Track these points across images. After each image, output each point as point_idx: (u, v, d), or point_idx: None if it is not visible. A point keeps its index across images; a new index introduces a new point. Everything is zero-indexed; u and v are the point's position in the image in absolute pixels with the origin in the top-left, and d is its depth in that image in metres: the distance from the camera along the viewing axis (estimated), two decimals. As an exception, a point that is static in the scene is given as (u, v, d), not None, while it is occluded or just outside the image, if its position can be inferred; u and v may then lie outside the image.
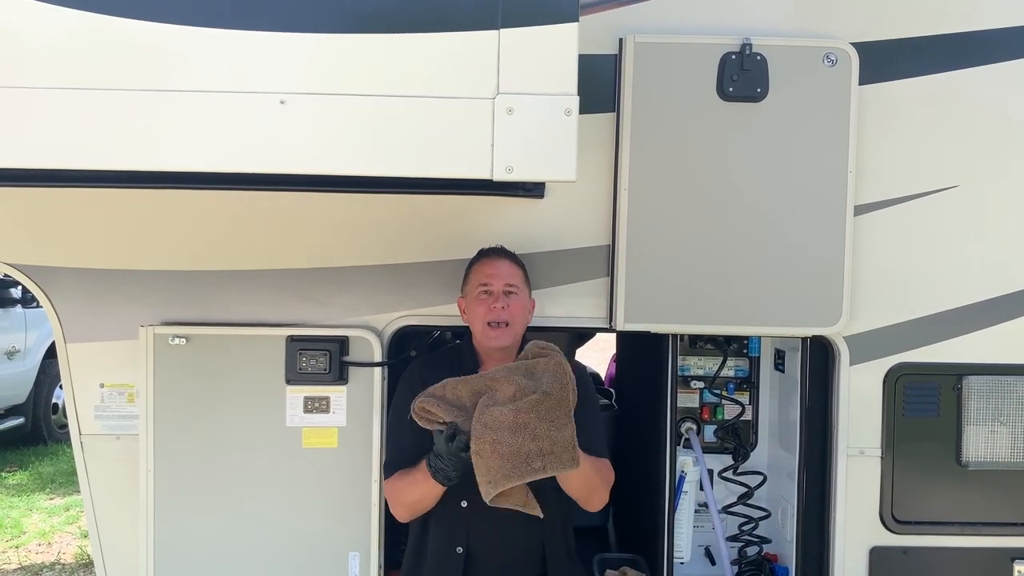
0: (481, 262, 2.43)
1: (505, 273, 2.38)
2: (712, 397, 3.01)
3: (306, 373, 2.61)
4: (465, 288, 2.45)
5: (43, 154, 1.88)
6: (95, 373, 2.69)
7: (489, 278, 2.37)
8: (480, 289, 2.37)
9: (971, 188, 2.68)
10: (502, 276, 2.37)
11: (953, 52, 2.64)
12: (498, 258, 2.42)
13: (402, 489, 2.31)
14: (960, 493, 2.74)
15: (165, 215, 2.59)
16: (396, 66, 1.87)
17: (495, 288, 2.36)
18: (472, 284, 2.41)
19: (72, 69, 1.85)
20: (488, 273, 2.38)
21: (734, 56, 2.54)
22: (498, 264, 2.40)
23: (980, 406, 2.71)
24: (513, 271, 2.41)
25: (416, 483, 2.25)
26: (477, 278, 2.40)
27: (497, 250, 2.46)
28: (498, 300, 2.35)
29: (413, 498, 2.30)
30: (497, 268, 2.39)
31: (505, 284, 2.37)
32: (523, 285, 2.42)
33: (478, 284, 2.38)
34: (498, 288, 2.36)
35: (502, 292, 2.36)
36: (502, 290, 2.36)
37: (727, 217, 2.58)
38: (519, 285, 2.40)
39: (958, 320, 2.69)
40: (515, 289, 2.38)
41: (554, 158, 1.90)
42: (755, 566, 2.87)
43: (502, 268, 2.39)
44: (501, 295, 2.36)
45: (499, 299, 2.35)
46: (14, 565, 5.03)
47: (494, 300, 2.35)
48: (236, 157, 1.89)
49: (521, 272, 2.43)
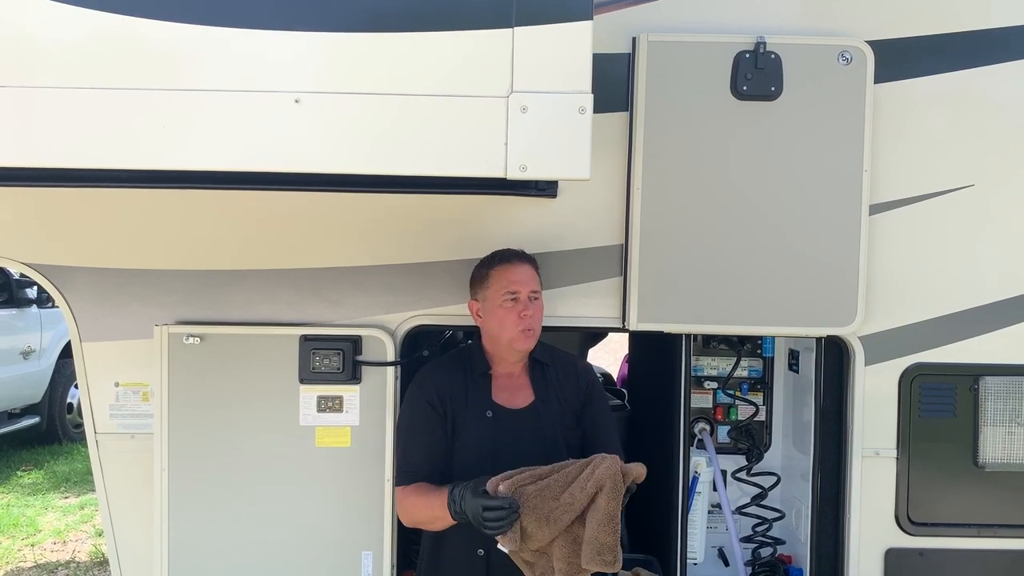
0: (503, 267, 2.39)
1: (529, 279, 2.37)
2: (726, 397, 3.00)
3: (319, 372, 2.61)
4: (483, 292, 2.40)
5: (59, 154, 1.89)
6: (110, 372, 2.70)
7: (516, 285, 2.35)
8: (507, 296, 2.35)
9: (987, 187, 2.66)
10: (527, 282, 2.36)
11: (969, 50, 2.62)
12: (521, 263, 2.39)
13: (416, 507, 2.31)
14: (977, 495, 2.71)
15: (180, 215, 2.61)
16: (410, 65, 1.87)
17: (522, 295, 2.35)
18: (495, 290, 2.37)
19: (88, 69, 1.86)
20: (514, 280, 2.36)
21: (748, 55, 2.52)
22: (523, 270, 2.38)
23: (997, 407, 2.68)
24: (534, 276, 2.40)
25: (431, 507, 2.25)
26: (502, 284, 2.36)
27: (519, 255, 2.43)
28: (527, 308, 2.34)
29: (423, 519, 2.31)
30: (522, 275, 2.37)
31: (531, 291, 2.36)
32: (540, 288, 2.42)
33: (504, 291, 2.35)
34: (525, 295, 2.35)
35: (528, 299, 2.35)
36: (529, 297, 2.35)
37: (741, 216, 2.57)
38: (539, 289, 2.40)
39: (975, 320, 2.67)
40: (537, 294, 2.39)
41: (568, 156, 1.90)
42: (769, 567, 2.86)
43: (526, 274, 2.38)
44: (528, 303, 2.35)
45: (528, 307, 2.34)
46: (29, 563, 5.07)
47: (523, 308, 2.34)
48: (251, 156, 1.90)
49: (538, 274, 2.43)
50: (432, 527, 2.33)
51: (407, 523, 2.39)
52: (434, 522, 2.28)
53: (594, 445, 2.47)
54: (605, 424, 2.50)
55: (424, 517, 2.30)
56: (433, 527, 2.32)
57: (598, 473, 2.10)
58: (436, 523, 2.27)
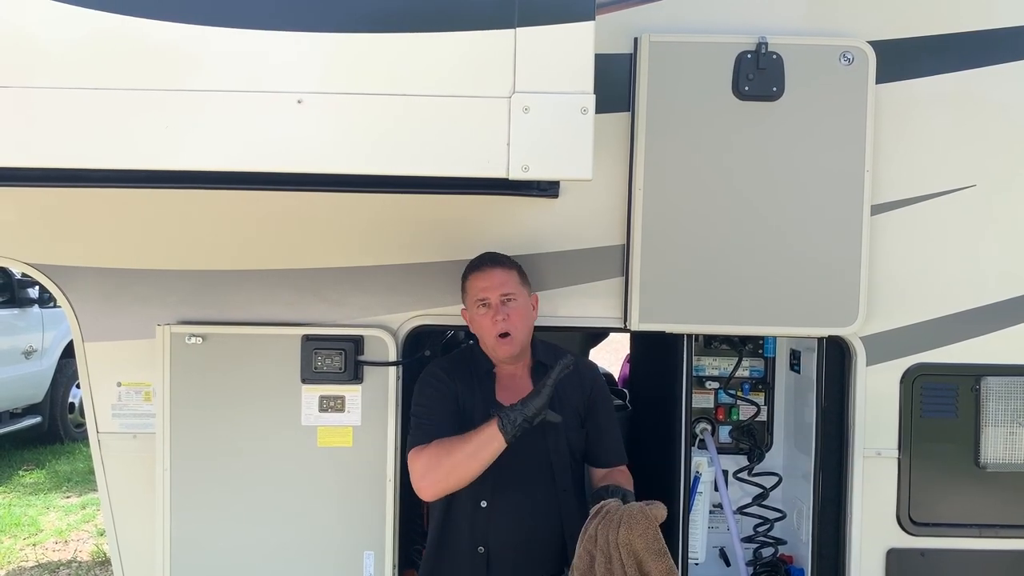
0: (473, 276, 2.40)
1: (498, 283, 2.36)
2: (727, 398, 3.00)
3: (321, 372, 2.61)
4: (465, 300, 2.44)
5: (62, 154, 1.89)
6: (112, 372, 2.71)
7: (484, 291, 2.36)
8: (478, 303, 2.36)
9: (989, 187, 2.65)
10: (496, 287, 2.35)
11: (971, 50, 2.62)
12: (489, 268, 2.39)
13: (443, 450, 2.22)
14: (978, 495, 2.71)
15: (182, 215, 2.61)
16: (413, 65, 1.87)
17: (492, 300, 2.35)
18: (470, 298, 2.40)
19: (91, 69, 1.86)
20: (482, 287, 2.36)
21: (750, 55, 2.52)
22: (490, 274, 2.37)
23: (998, 407, 2.68)
24: (506, 277, 2.37)
25: (467, 441, 2.19)
26: (474, 292, 2.38)
27: (485, 259, 2.42)
28: (498, 312, 2.34)
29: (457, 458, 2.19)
30: (490, 279, 2.36)
31: (501, 294, 2.35)
32: (520, 287, 2.40)
33: (475, 299, 2.37)
34: (495, 300, 2.34)
35: (500, 303, 2.34)
36: (499, 301, 2.34)
37: (743, 217, 2.57)
38: (515, 290, 2.37)
39: (976, 320, 2.67)
40: (512, 295, 2.36)
41: (570, 157, 1.90)
42: (770, 567, 2.86)
43: (495, 278, 2.36)
44: (500, 306, 2.34)
45: (499, 311, 2.34)
46: (31, 563, 5.08)
47: (494, 313, 2.34)
48: (254, 157, 1.90)
49: (515, 274, 2.40)
50: (466, 469, 2.19)
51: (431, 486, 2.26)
52: (473, 458, 2.18)
53: (598, 447, 2.47)
54: (609, 427, 2.51)
55: (460, 455, 2.19)
56: (467, 468, 2.19)
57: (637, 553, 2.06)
58: (476, 459, 2.18)
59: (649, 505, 2.10)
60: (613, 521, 2.09)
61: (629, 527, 2.05)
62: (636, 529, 2.04)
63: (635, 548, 2.04)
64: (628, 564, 2.04)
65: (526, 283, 2.44)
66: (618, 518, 2.08)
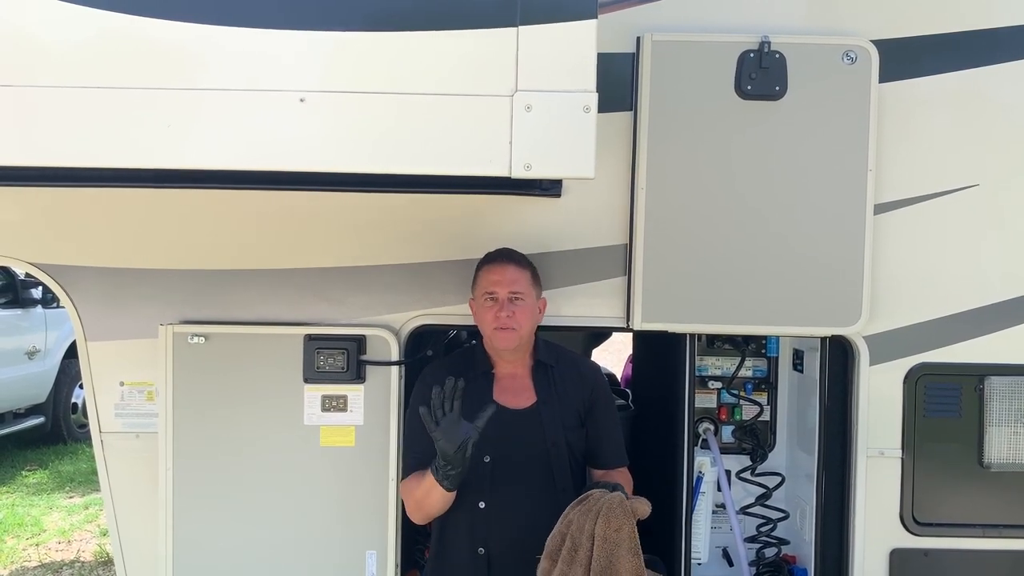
0: (486, 268, 2.40)
1: (510, 279, 2.36)
2: (730, 397, 2.99)
3: (324, 372, 2.61)
4: (474, 291, 2.44)
5: (64, 153, 1.89)
6: (115, 371, 2.71)
7: (494, 285, 2.36)
8: (486, 296, 2.37)
9: (992, 186, 2.65)
10: (506, 283, 2.35)
11: (975, 49, 2.62)
12: (503, 263, 2.39)
13: (410, 489, 2.34)
14: (982, 495, 2.71)
15: (185, 214, 2.61)
16: (415, 64, 1.87)
17: (500, 296, 2.35)
18: (479, 289, 2.40)
19: (93, 69, 1.86)
20: (493, 280, 2.36)
21: (752, 54, 2.52)
22: (504, 270, 2.37)
23: (1002, 407, 2.68)
24: (518, 275, 2.38)
25: (420, 482, 2.27)
26: (484, 284, 2.38)
27: (502, 254, 2.42)
28: (503, 308, 2.34)
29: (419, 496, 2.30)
30: (503, 274, 2.36)
31: (510, 291, 2.35)
32: (530, 288, 2.39)
33: (484, 291, 2.37)
34: (503, 296, 2.34)
35: (507, 300, 2.34)
36: (507, 297, 2.34)
37: (745, 216, 2.57)
38: (525, 290, 2.37)
39: (980, 320, 2.66)
40: (520, 295, 2.36)
41: (573, 155, 1.90)
42: (773, 567, 2.85)
43: (507, 274, 2.36)
44: (507, 303, 2.34)
45: (504, 307, 2.34)
46: (34, 563, 5.08)
47: (499, 308, 2.34)
48: (256, 155, 1.90)
49: (528, 274, 2.40)
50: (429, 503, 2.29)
51: (415, 516, 2.37)
52: (428, 495, 2.26)
53: (598, 448, 2.47)
54: (610, 428, 2.50)
55: (419, 493, 2.29)
56: (430, 503, 2.28)
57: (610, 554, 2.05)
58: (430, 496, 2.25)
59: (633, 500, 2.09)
60: (592, 510, 2.08)
61: (607, 519, 2.04)
62: (613, 523, 2.03)
63: (609, 541, 2.03)
64: (598, 556, 2.03)
65: (537, 285, 2.44)
66: (597, 508, 2.07)
